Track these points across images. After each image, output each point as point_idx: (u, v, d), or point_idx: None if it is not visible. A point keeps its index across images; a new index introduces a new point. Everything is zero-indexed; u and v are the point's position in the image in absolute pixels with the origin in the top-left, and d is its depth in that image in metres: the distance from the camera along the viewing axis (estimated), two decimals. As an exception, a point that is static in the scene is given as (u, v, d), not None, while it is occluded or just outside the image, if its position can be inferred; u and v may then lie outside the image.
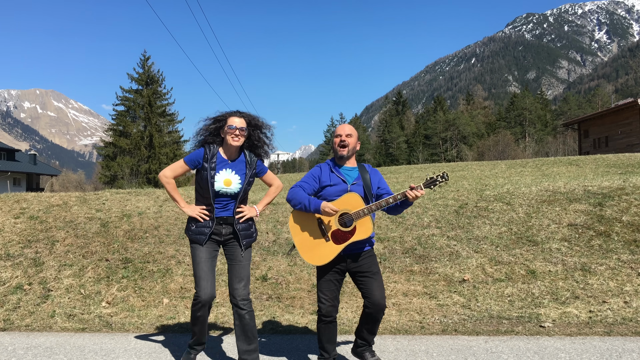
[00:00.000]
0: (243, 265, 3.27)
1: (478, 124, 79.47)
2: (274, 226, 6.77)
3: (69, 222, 6.64)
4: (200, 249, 3.23)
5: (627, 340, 3.91)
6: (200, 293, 3.15)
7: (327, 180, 3.26)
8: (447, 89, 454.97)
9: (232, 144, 3.22)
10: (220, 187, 3.21)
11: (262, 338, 4.19)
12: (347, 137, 3.29)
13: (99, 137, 51.71)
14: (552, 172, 13.30)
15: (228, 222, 3.28)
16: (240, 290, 3.21)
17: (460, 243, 6.15)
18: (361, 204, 3.12)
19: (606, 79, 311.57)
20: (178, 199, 3.35)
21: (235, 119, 3.26)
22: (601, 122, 33.67)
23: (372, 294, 3.15)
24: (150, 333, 4.39)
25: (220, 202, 3.26)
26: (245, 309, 3.20)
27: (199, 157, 3.27)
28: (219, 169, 3.23)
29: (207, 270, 3.19)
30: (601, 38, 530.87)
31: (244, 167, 3.31)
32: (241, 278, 3.24)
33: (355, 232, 3.12)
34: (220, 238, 3.29)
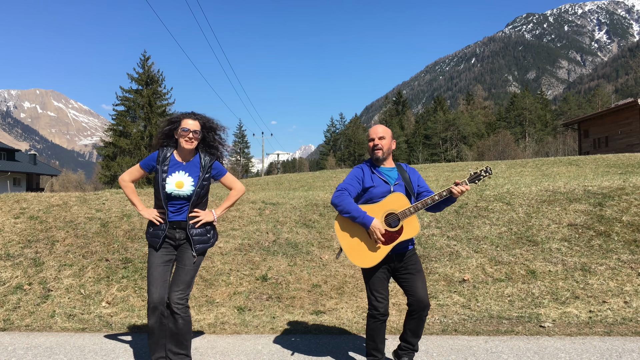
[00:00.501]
0: (186, 270, 3.20)
1: (478, 124, 79.49)
2: (274, 226, 6.77)
3: (69, 222, 6.64)
4: (154, 253, 3.22)
5: (627, 340, 3.91)
6: (150, 298, 3.12)
7: (369, 182, 3.27)
8: (447, 89, 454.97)
9: (184, 147, 3.19)
10: (172, 190, 3.17)
11: (262, 338, 4.20)
12: (380, 139, 3.29)
13: (99, 137, 51.72)
14: (552, 172, 13.31)
15: (181, 226, 3.23)
16: (176, 294, 3.13)
17: (460, 243, 6.15)
18: (406, 203, 3.15)
19: (606, 79, 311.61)
20: (136, 202, 3.34)
21: (189, 121, 3.22)
22: (601, 122, 33.66)
23: (416, 291, 3.19)
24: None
25: (174, 205, 3.21)
26: (179, 314, 3.12)
27: (152, 160, 3.26)
28: (171, 171, 3.20)
29: (157, 276, 3.16)
30: (601, 38, 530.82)
31: (198, 169, 3.26)
32: (180, 282, 3.17)
33: (403, 231, 3.14)
34: (175, 242, 3.25)
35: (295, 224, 6.86)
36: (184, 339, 3.17)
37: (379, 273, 3.21)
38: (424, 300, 3.18)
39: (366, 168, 3.35)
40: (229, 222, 6.87)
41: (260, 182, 19.72)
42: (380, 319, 3.19)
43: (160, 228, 3.22)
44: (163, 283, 3.17)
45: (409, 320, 3.28)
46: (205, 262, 5.82)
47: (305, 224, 6.88)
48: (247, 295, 5.24)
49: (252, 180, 22.89)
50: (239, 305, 5.04)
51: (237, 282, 5.49)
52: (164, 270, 3.21)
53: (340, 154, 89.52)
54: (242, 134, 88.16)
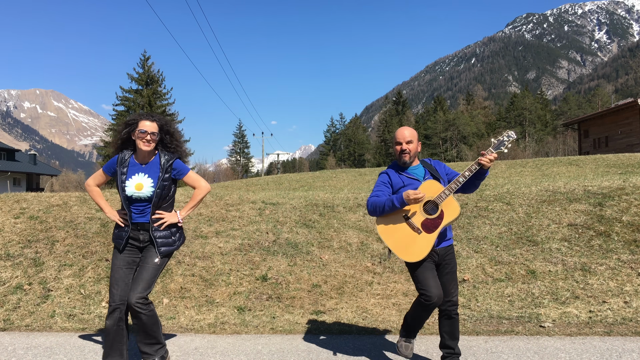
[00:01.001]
0: (147, 268, 3.17)
1: (478, 124, 79.48)
2: (274, 226, 6.77)
3: (69, 222, 6.64)
4: (117, 255, 3.22)
5: (627, 340, 3.91)
6: (110, 299, 3.12)
7: (399, 182, 3.26)
8: (447, 89, 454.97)
9: (142, 149, 3.18)
10: (132, 192, 3.15)
11: (262, 338, 4.20)
12: (408, 144, 3.26)
13: (99, 137, 51.73)
14: (552, 172, 13.31)
15: (145, 228, 3.21)
16: (134, 295, 3.08)
17: (460, 243, 6.15)
18: (440, 187, 3.11)
19: (606, 79, 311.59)
20: (102, 205, 3.35)
21: (147, 123, 3.19)
22: (601, 122, 33.67)
23: (449, 292, 3.21)
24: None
25: (137, 207, 3.20)
26: (141, 311, 3.09)
27: (113, 165, 3.26)
28: (130, 173, 3.19)
29: (118, 278, 3.16)
30: (601, 38, 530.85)
31: (157, 169, 3.23)
32: (139, 282, 3.13)
33: (444, 215, 3.11)
34: (140, 244, 3.24)
35: (295, 224, 6.86)
36: (151, 330, 3.17)
37: (429, 267, 3.17)
38: (455, 299, 3.23)
39: (391, 172, 3.34)
40: (229, 222, 6.87)
41: (260, 182, 19.72)
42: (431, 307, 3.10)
43: (123, 230, 3.23)
44: (125, 285, 3.16)
45: (442, 322, 3.28)
46: (205, 262, 5.82)
47: (305, 224, 6.88)
48: (247, 295, 5.24)
49: (252, 180, 22.89)
50: (239, 305, 5.04)
51: (237, 282, 5.49)
52: (127, 272, 3.20)
53: (340, 154, 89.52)
54: (242, 134, 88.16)
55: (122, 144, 3.31)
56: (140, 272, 3.19)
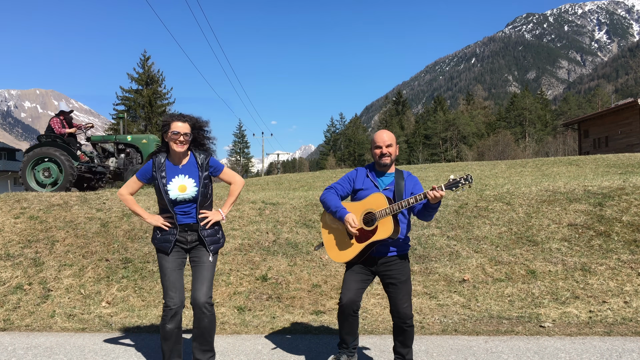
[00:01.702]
0: (206, 267, 3.18)
1: (478, 124, 79.51)
2: (274, 226, 6.77)
3: (69, 222, 6.64)
4: (166, 258, 3.19)
5: (627, 340, 3.91)
6: (169, 302, 3.09)
7: (360, 185, 3.30)
8: (447, 89, 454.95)
9: (176, 150, 3.17)
10: (177, 195, 3.15)
11: (262, 338, 4.20)
12: (388, 147, 3.25)
13: (99, 137, 51.65)
14: (552, 172, 13.30)
15: (193, 228, 3.21)
16: (202, 293, 3.11)
17: (460, 243, 6.15)
18: (384, 204, 3.13)
19: (606, 79, 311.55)
20: (140, 212, 3.32)
21: (179, 124, 3.18)
22: (601, 122, 33.66)
23: (397, 303, 3.20)
24: (150, 333, 4.39)
25: (181, 209, 3.20)
26: (206, 313, 3.10)
27: (148, 170, 3.24)
28: (170, 177, 3.18)
29: (174, 280, 3.14)
30: (601, 38, 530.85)
31: (196, 169, 3.24)
32: (203, 280, 3.15)
33: (377, 231, 3.13)
34: (187, 245, 3.23)
35: (295, 224, 6.86)
36: (209, 336, 3.17)
37: (356, 273, 3.23)
38: (402, 312, 3.17)
39: (362, 171, 3.37)
40: (229, 222, 6.87)
41: (260, 182, 19.71)
42: (343, 311, 3.19)
43: (170, 232, 3.19)
44: (181, 287, 3.16)
45: (395, 331, 3.29)
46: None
47: (305, 224, 6.88)
48: (247, 295, 5.24)
49: (252, 180, 22.88)
50: (239, 305, 5.04)
51: (237, 282, 5.49)
52: (179, 275, 3.19)
53: (340, 154, 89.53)
54: (242, 134, 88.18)
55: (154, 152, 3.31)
56: (200, 273, 3.17)
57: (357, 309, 3.23)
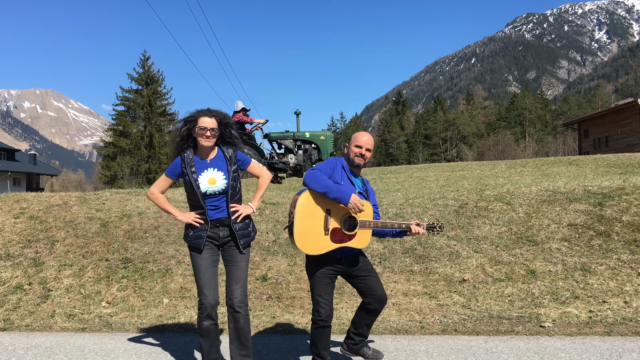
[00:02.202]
0: (240, 267, 3.19)
1: (478, 123, 79.50)
2: (274, 226, 6.77)
3: (69, 222, 6.64)
4: (199, 256, 3.16)
5: (627, 340, 3.91)
6: (204, 301, 3.08)
7: (339, 178, 3.24)
8: (447, 89, 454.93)
9: (204, 145, 3.17)
10: (207, 188, 3.15)
11: (262, 338, 4.20)
12: (367, 151, 3.28)
13: (99, 137, 51.79)
14: (552, 172, 13.30)
15: (224, 223, 3.20)
16: (237, 292, 3.12)
17: (460, 243, 6.15)
18: (371, 215, 3.16)
19: (606, 79, 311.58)
20: (171, 210, 3.30)
21: (206, 119, 3.18)
22: (601, 122, 33.66)
23: (375, 291, 3.22)
24: (150, 333, 4.39)
25: (212, 203, 3.19)
26: (242, 312, 3.12)
27: (177, 167, 3.23)
28: (200, 171, 3.18)
29: (208, 279, 3.12)
30: (601, 38, 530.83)
31: (225, 163, 3.24)
32: (238, 279, 3.16)
33: (354, 238, 3.13)
34: (218, 241, 3.21)
35: (295, 224, 6.86)
36: (245, 338, 3.15)
37: (324, 278, 3.20)
38: (383, 296, 3.25)
39: (339, 162, 3.32)
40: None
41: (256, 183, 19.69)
42: (321, 324, 3.16)
43: (201, 229, 3.18)
44: (215, 285, 3.15)
45: (366, 316, 3.29)
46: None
47: (305, 224, 6.87)
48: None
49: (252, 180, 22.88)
50: (239, 305, 5.04)
51: (237, 282, 5.49)
52: (214, 272, 3.18)
53: (340, 153, 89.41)
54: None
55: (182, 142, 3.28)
56: (234, 272, 3.17)
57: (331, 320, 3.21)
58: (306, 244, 3.10)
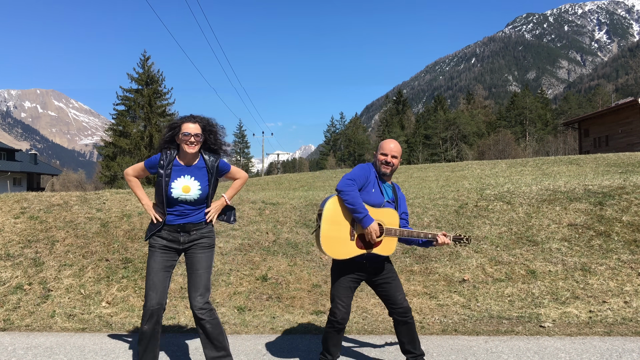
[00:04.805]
0: (199, 274, 3.15)
1: (478, 123, 79.47)
2: (274, 226, 6.76)
3: (69, 222, 6.64)
4: (155, 258, 3.15)
5: (627, 340, 3.91)
6: (147, 304, 3.06)
7: (371, 186, 3.24)
8: (447, 89, 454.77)
9: (187, 151, 3.15)
10: (179, 194, 3.13)
11: (262, 338, 4.20)
12: (393, 158, 3.27)
13: (100, 137, 51.78)
14: (552, 171, 13.29)
15: (185, 229, 3.18)
16: (197, 300, 3.08)
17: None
18: (397, 223, 3.19)
19: (606, 78, 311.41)
20: (140, 195, 3.32)
21: (190, 125, 3.16)
22: (601, 122, 33.66)
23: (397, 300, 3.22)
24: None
25: (179, 209, 3.17)
26: (205, 318, 3.07)
27: (155, 162, 3.21)
28: (175, 176, 3.15)
29: (157, 281, 3.10)
30: (601, 38, 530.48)
31: (205, 172, 3.22)
32: (197, 287, 3.11)
33: (380, 245, 3.15)
34: (179, 246, 3.20)
35: (295, 224, 6.86)
36: (217, 341, 3.13)
37: (346, 282, 3.20)
38: (404, 305, 3.22)
39: (373, 171, 3.31)
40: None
41: (260, 182, 19.71)
42: (336, 326, 3.18)
43: (160, 230, 3.18)
44: (163, 289, 3.12)
45: (399, 330, 3.28)
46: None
47: (305, 224, 6.87)
48: (247, 295, 5.24)
49: (252, 180, 22.88)
50: (239, 305, 5.04)
51: (237, 282, 5.49)
52: (165, 276, 3.15)
53: (340, 154, 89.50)
54: (242, 134, 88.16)
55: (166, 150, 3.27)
56: (192, 279, 3.15)
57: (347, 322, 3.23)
58: (332, 248, 3.12)
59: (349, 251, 3.13)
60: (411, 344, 3.28)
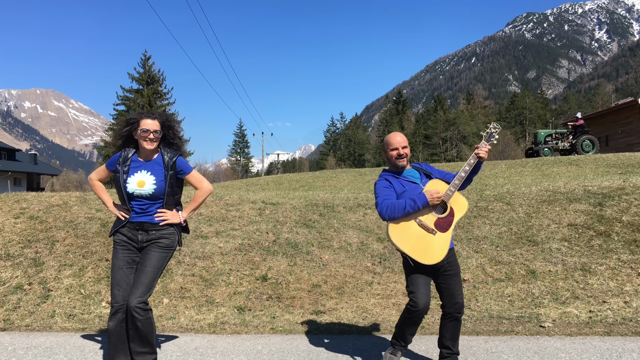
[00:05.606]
0: (146, 272, 3.11)
1: (478, 123, 79.45)
2: (274, 226, 6.77)
3: (69, 222, 6.64)
4: (117, 255, 3.17)
5: (627, 340, 3.91)
6: (112, 301, 3.07)
7: (401, 188, 3.24)
8: (447, 89, 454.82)
9: (145, 147, 3.14)
10: (134, 189, 3.12)
11: (262, 338, 4.20)
12: (404, 149, 3.28)
13: (100, 137, 51.78)
14: (552, 172, 13.30)
15: (143, 228, 3.17)
16: (134, 299, 3.03)
17: (460, 243, 6.15)
18: (445, 185, 3.14)
19: (606, 78, 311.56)
20: (104, 199, 3.35)
21: (148, 121, 3.15)
22: (601, 122, 33.66)
23: (453, 294, 3.20)
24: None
25: (138, 206, 3.17)
26: (138, 317, 3.02)
27: (114, 160, 3.22)
28: (132, 171, 3.16)
29: (119, 278, 3.11)
30: (601, 37, 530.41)
31: (161, 167, 3.20)
32: (139, 285, 3.08)
33: (454, 212, 3.11)
34: (138, 244, 3.19)
35: (295, 224, 6.86)
36: (146, 339, 3.11)
37: (421, 273, 3.16)
38: (460, 302, 3.22)
39: (390, 177, 3.31)
40: (229, 222, 6.87)
41: (260, 182, 19.71)
42: (419, 314, 3.13)
43: (120, 223, 3.21)
44: (126, 285, 3.12)
45: (446, 324, 3.27)
46: (205, 262, 5.82)
47: (305, 224, 6.88)
48: (247, 295, 5.24)
49: (252, 180, 22.89)
50: (239, 305, 5.04)
51: (237, 282, 5.50)
52: (127, 273, 3.15)
53: (340, 154, 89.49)
54: (243, 134, 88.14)
55: (124, 143, 3.26)
56: (138, 275, 3.12)
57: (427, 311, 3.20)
58: (430, 255, 3.09)
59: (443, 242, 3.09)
60: (452, 341, 3.29)
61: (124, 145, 3.28)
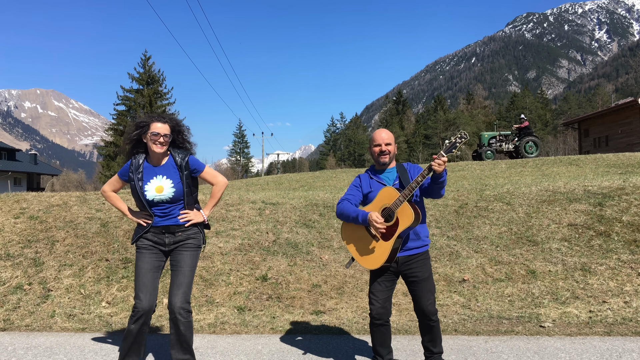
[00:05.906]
0: (183, 272, 3.14)
1: (478, 123, 79.45)
2: (274, 226, 6.77)
3: (69, 222, 6.64)
4: (141, 259, 3.15)
5: (627, 340, 3.91)
6: (137, 305, 3.05)
7: (367, 188, 3.29)
8: (447, 89, 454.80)
9: (155, 151, 3.14)
10: (153, 196, 3.13)
11: (262, 338, 4.20)
12: (387, 145, 3.26)
13: (100, 137, 51.80)
14: (552, 171, 13.29)
15: (170, 231, 3.18)
16: (177, 298, 3.06)
17: (460, 243, 6.15)
18: (396, 194, 3.08)
19: (606, 78, 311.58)
20: (122, 208, 3.33)
21: (159, 125, 3.14)
22: (601, 122, 33.64)
23: (420, 300, 3.19)
24: (150, 333, 4.39)
25: (160, 210, 3.17)
26: (182, 319, 3.06)
27: (126, 170, 3.21)
28: (147, 178, 3.15)
29: (146, 282, 3.10)
30: (601, 37, 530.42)
31: (175, 170, 3.20)
32: (180, 285, 3.10)
33: (399, 222, 3.09)
34: (165, 248, 3.20)
35: (295, 224, 6.86)
36: (187, 344, 3.12)
37: (381, 276, 3.20)
38: (426, 309, 3.17)
39: (364, 176, 3.36)
40: (229, 222, 6.87)
41: (260, 182, 19.70)
42: (374, 322, 3.20)
43: (147, 233, 3.19)
44: (153, 290, 3.12)
45: (421, 328, 3.30)
46: (205, 262, 5.82)
47: (305, 224, 6.88)
48: (247, 295, 5.24)
49: (252, 180, 22.88)
50: (239, 305, 5.04)
51: (237, 282, 5.50)
52: (153, 277, 3.15)
53: (340, 154, 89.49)
54: (242, 134, 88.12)
55: (133, 147, 3.25)
56: (177, 277, 3.13)
57: (388, 318, 3.21)
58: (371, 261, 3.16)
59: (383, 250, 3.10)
60: (431, 342, 3.29)
61: (132, 149, 3.26)
